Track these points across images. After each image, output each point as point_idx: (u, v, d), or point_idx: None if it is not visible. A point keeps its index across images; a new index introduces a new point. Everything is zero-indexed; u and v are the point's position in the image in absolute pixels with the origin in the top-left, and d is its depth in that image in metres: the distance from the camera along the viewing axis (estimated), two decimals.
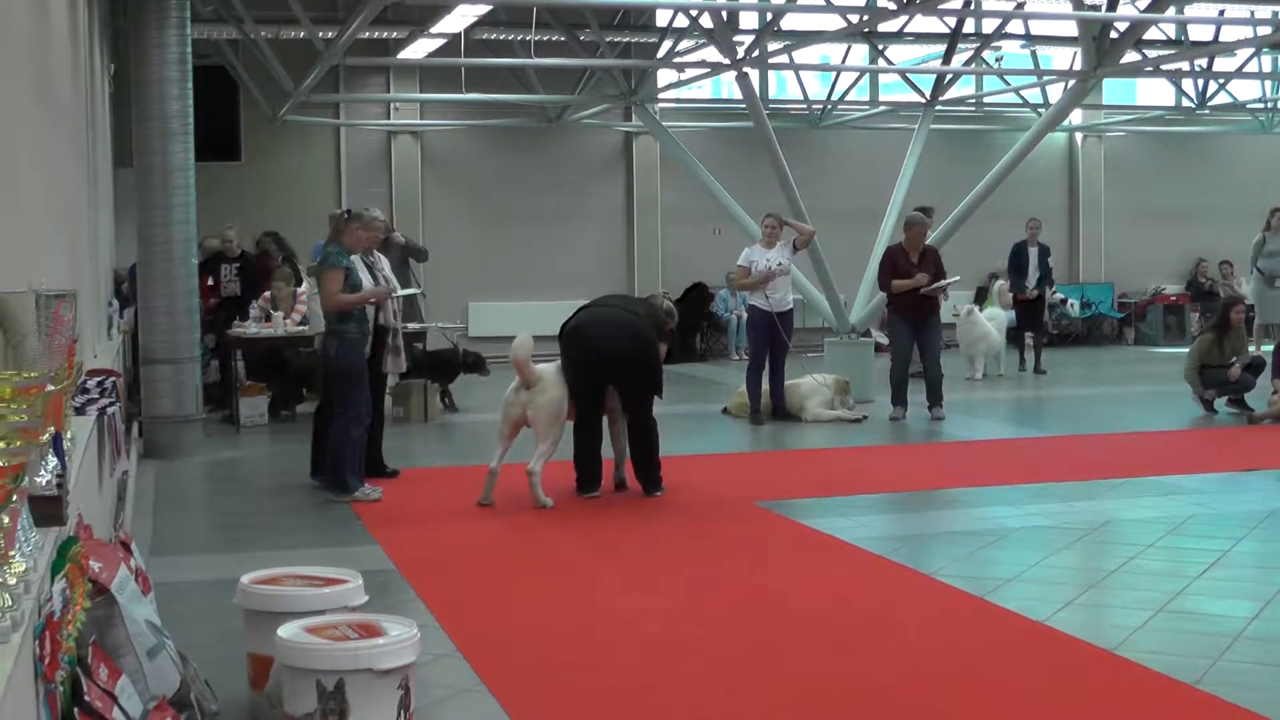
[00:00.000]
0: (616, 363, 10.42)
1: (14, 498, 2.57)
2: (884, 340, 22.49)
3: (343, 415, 10.45)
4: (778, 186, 16.63)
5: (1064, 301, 25.54)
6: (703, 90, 24.01)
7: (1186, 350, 16.01)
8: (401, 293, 11.64)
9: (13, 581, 2.60)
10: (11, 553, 2.67)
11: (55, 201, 6.02)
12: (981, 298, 23.20)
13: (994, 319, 19.62)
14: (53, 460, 3.31)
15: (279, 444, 13.76)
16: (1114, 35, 16.23)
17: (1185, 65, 21.83)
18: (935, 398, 14.94)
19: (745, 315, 17.57)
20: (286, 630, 5.12)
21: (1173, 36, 20.56)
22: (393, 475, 11.29)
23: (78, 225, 8.01)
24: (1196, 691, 5.83)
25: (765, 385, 14.92)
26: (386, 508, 10.30)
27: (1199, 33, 20.38)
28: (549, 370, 10.37)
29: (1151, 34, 19.75)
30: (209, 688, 5.29)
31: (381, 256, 11.50)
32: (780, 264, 14.78)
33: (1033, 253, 20.02)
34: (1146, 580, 7.86)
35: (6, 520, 2.55)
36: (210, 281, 16.14)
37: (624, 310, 10.79)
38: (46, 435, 3.13)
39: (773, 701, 5.84)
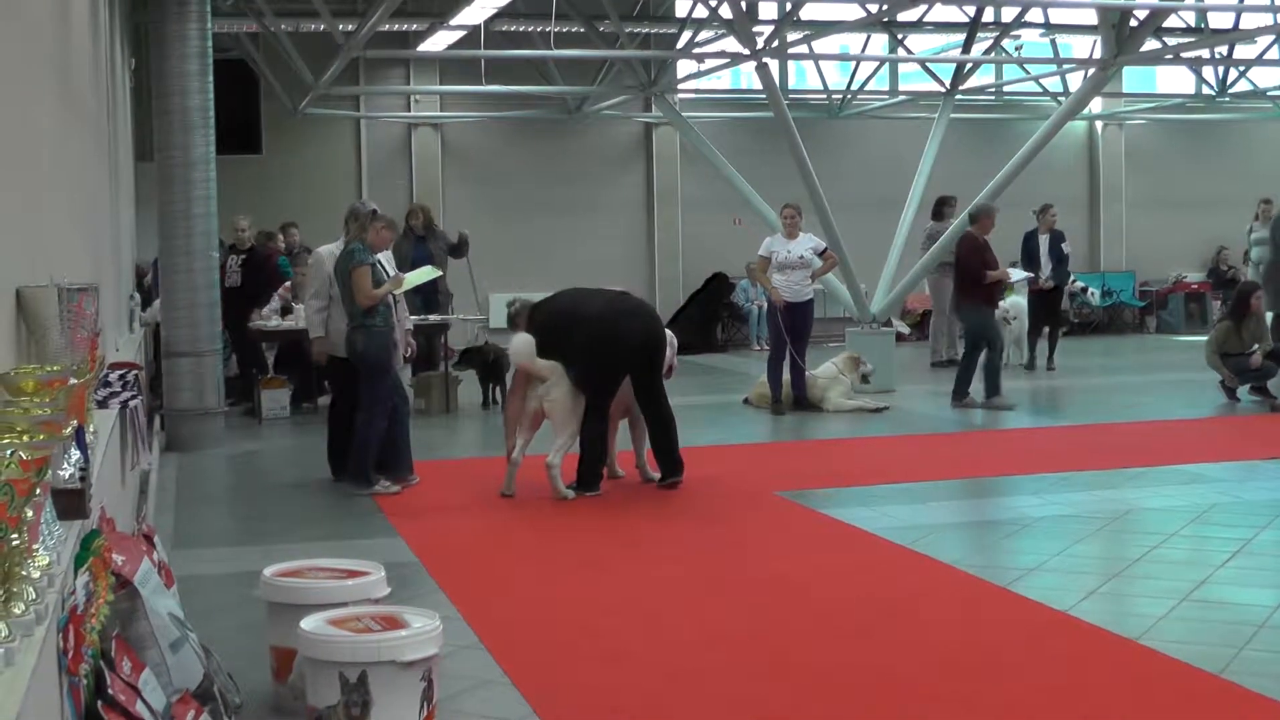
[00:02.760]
0: (643, 350, 10.42)
1: (38, 491, 2.58)
2: (904, 329, 22.54)
3: (369, 408, 10.46)
4: (798, 176, 16.60)
5: (1085, 290, 25.48)
6: (722, 81, 24.00)
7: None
8: (414, 278, 11.56)
9: (36, 575, 2.60)
10: (35, 546, 2.67)
11: (77, 195, 6.03)
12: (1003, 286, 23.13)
13: (1016, 307, 19.57)
14: (75, 453, 3.31)
15: (300, 436, 13.78)
16: (1134, 23, 16.17)
17: (1205, 53, 21.74)
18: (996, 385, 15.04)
19: (765, 305, 17.54)
20: (309, 623, 5.13)
21: (1193, 24, 20.47)
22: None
23: (99, 219, 8.04)
24: (1220, 680, 5.81)
25: (786, 375, 14.89)
26: (408, 500, 10.31)
27: (1219, 20, 20.27)
28: (559, 364, 10.32)
29: (1171, 21, 19.67)
30: (232, 680, 5.30)
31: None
32: (802, 256, 14.75)
33: (1043, 240, 19.28)
34: (1169, 569, 7.83)
35: (30, 514, 2.55)
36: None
37: (633, 299, 10.75)
38: (69, 428, 3.14)
39: (794, 691, 5.84)
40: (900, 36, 22.00)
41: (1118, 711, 5.58)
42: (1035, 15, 20.95)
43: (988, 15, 20.57)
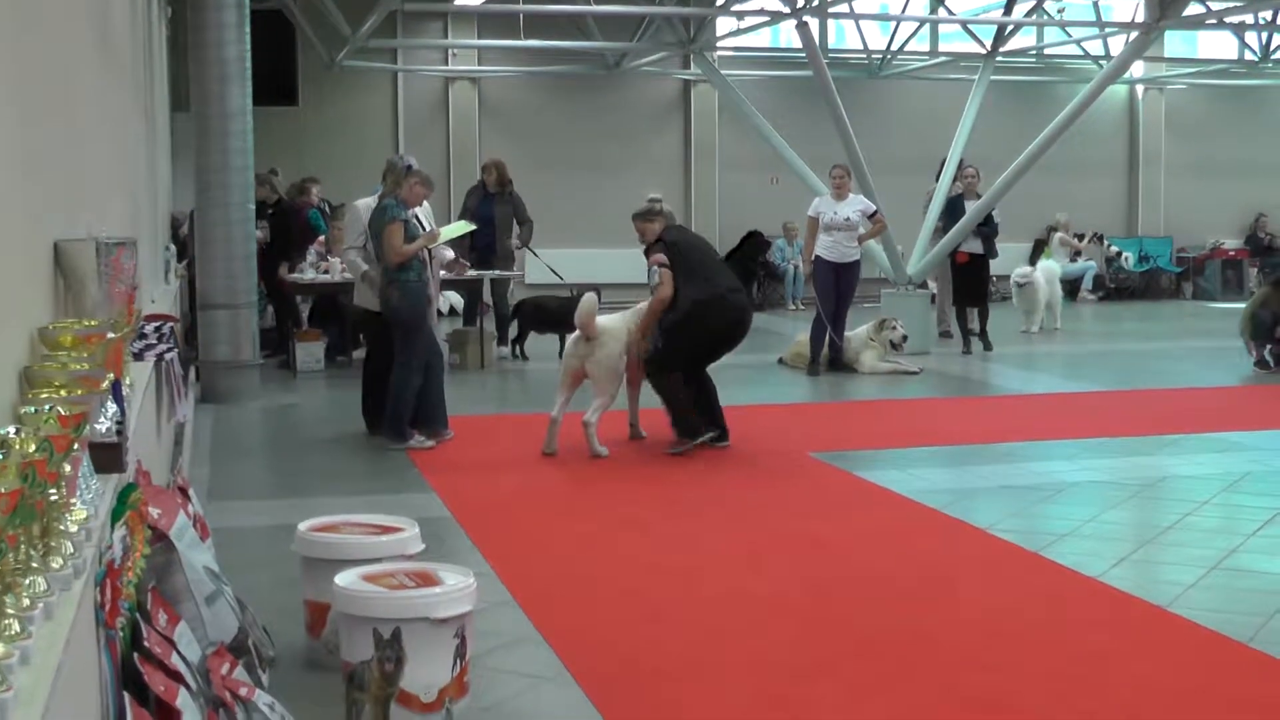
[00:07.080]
0: (740, 336, 10.74)
1: (75, 446, 2.59)
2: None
3: (404, 364, 10.48)
4: (836, 136, 16.51)
5: (1120, 255, 25.37)
6: (762, 38, 23.88)
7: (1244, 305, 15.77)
8: (448, 233, 11.49)
9: (74, 529, 2.61)
10: (73, 500, 2.69)
11: (115, 148, 6.04)
12: (1039, 250, 23.08)
13: (1050, 270, 19.49)
14: (112, 407, 3.32)
15: (335, 390, 13.82)
16: None
17: (1249, 18, 21.55)
18: None
19: (799, 265, 17.40)
20: (344, 578, 5.15)
21: None
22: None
23: (136, 171, 8.05)
24: (1249, 649, 5.81)
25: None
26: (442, 456, 10.34)
27: None
28: (610, 324, 10.35)
29: None
30: (267, 634, 5.33)
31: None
32: (849, 218, 14.71)
33: (969, 207, 16.99)
34: (1201, 537, 7.81)
35: (68, 468, 2.56)
36: None
37: (737, 287, 10.89)
38: (106, 383, 3.15)
39: (829, 650, 5.84)
40: None
41: (1146, 678, 5.57)
42: None
43: None
